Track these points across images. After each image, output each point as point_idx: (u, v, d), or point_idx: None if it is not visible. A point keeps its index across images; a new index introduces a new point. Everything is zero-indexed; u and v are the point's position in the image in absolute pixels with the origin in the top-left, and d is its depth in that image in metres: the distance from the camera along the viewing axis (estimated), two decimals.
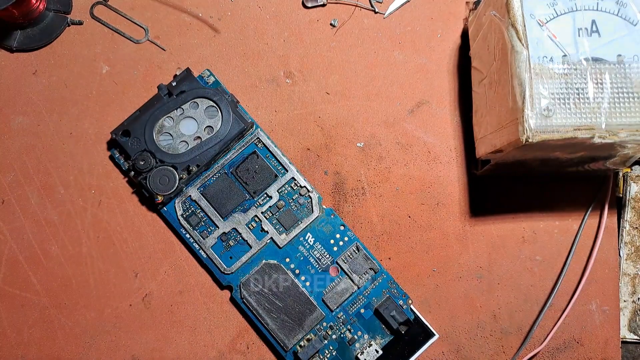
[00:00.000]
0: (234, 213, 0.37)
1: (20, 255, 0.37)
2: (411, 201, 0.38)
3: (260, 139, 0.37)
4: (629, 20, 0.30)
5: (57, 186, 0.38)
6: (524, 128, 0.28)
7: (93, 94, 0.39)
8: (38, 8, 0.38)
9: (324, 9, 0.39)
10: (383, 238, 0.38)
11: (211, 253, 0.36)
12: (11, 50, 0.38)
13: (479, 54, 0.35)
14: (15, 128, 0.38)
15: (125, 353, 0.37)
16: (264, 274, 0.36)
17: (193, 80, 0.37)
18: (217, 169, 0.37)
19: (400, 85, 0.39)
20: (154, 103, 0.37)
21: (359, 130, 0.38)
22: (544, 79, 0.29)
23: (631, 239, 0.38)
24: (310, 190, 0.37)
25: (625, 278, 0.38)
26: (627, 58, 0.29)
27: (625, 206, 0.38)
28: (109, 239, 0.37)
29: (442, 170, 0.38)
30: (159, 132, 0.36)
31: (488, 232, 0.38)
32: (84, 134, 0.38)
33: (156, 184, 0.36)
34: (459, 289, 0.37)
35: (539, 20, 0.30)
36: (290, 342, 0.35)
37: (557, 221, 0.38)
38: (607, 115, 0.29)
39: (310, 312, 0.35)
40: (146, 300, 0.37)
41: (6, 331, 0.37)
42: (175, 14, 0.39)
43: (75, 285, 0.37)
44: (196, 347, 0.37)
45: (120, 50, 0.39)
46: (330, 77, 0.39)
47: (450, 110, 0.39)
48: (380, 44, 0.39)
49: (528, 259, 0.38)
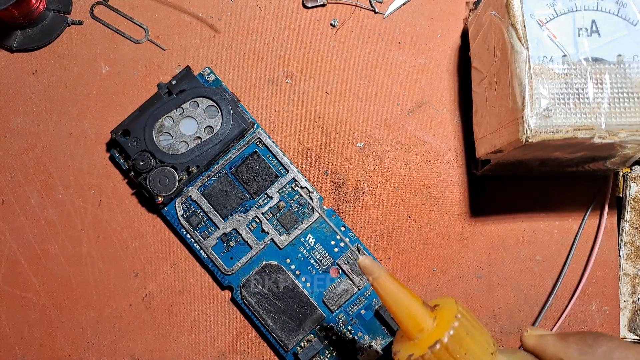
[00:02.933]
0: (235, 214, 0.37)
1: (20, 255, 0.37)
2: (411, 201, 0.38)
3: (261, 139, 0.37)
4: (629, 20, 0.30)
5: (57, 186, 0.38)
6: (524, 128, 0.28)
7: (93, 94, 0.39)
8: (38, 8, 0.38)
9: (324, 9, 0.39)
10: (383, 238, 0.38)
11: (212, 254, 0.36)
12: (11, 50, 0.38)
13: (479, 54, 0.35)
14: (15, 128, 0.38)
15: (125, 353, 0.37)
16: (265, 274, 0.36)
17: (193, 78, 0.37)
18: (217, 169, 0.37)
19: (400, 85, 0.39)
20: (154, 102, 0.36)
21: (359, 130, 0.38)
22: (544, 79, 0.29)
23: (631, 239, 0.38)
24: (311, 190, 0.37)
25: (625, 278, 0.38)
26: (627, 58, 0.29)
27: (625, 206, 0.38)
28: (109, 239, 0.37)
29: (442, 170, 0.38)
30: (159, 132, 0.36)
31: (488, 232, 0.38)
32: (84, 134, 0.38)
33: (156, 184, 0.36)
34: (459, 289, 0.37)
35: (539, 20, 0.30)
36: (291, 342, 0.35)
37: (557, 221, 0.38)
38: (607, 115, 0.29)
39: (311, 313, 0.35)
40: (146, 300, 0.37)
41: (6, 331, 0.37)
42: (175, 14, 0.39)
43: (75, 285, 0.37)
44: (196, 347, 0.37)
45: (120, 50, 0.39)
46: (330, 77, 0.39)
47: (450, 110, 0.39)
48: (380, 44, 0.39)
49: (528, 259, 0.38)
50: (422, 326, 0.26)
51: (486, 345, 0.25)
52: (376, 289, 0.26)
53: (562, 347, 0.25)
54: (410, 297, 0.26)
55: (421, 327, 0.26)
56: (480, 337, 0.26)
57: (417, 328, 0.26)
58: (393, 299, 0.26)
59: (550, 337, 0.26)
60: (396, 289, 0.26)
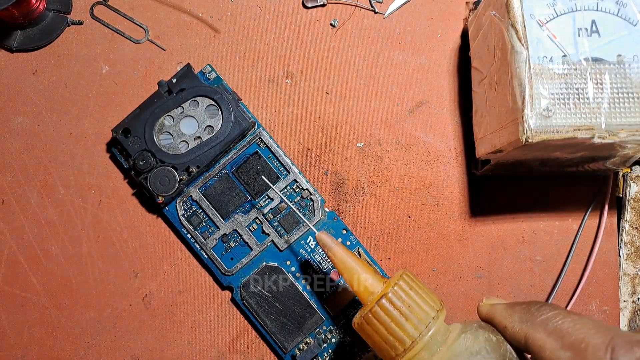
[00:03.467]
0: (235, 214, 0.36)
1: (20, 255, 0.37)
2: (411, 201, 0.38)
3: (262, 139, 0.37)
4: (629, 20, 0.30)
5: (57, 186, 0.38)
6: (524, 128, 0.28)
7: (93, 94, 0.39)
8: (38, 8, 0.38)
9: (324, 9, 0.39)
10: (383, 238, 0.38)
11: (212, 254, 0.36)
12: (11, 50, 0.38)
13: (479, 54, 0.35)
14: (15, 128, 0.38)
15: (125, 353, 0.37)
16: (264, 276, 0.36)
17: (193, 77, 0.36)
18: (218, 169, 0.37)
19: (400, 85, 0.39)
20: (154, 101, 0.36)
21: (359, 130, 0.38)
22: (543, 79, 0.29)
23: (631, 239, 0.38)
24: (313, 192, 0.37)
25: (625, 278, 0.38)
26: (627, 58, 0.29)
27: (625, 206, 0.38)
28: (109, 239, 0.37)
29: (442, 170, 0.38)
30: (159, 131, 0.36)
31: (488, 232, 0.38)
32: (84, 134, 0.38)
33: (156, 184, 0.36)
34: (459, 289, 0.37)
35: (539, 20, 0.30)
36: (290, 344, 0.35)
37: (557, 221, 0.38)
38: (607, 115, 0.29)
39: (310, 316, 0.35)
40: (146, 300, 0.37)
41: (6, 331, 0.37)
42: (175, 14, 0.39)
43: (75, 285, 0.37)
44: (196, 347, 0.37)
45: (120, 50, 0.39)
46: (330, 77, 0.39)
47: (450, 110, 0.39)
48: (380, 44, 0.39)
49: (528, 259, 0.38)
50: (372, 290, 0.29)
51: (431, 302, 0.28)
52: (332, 259, 0.30)
53: (507, 315, 0.26)
54: (361, 265, 0.30)
55: (371, 291, 0.29)
56: (425, 294, 0.28)
57: (368, 292, 0.29)
58: (346, 267, 0.30)
59: (500, 306, 0.27)
60: (349, 259, 0.30)
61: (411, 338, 0.26)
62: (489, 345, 0.26)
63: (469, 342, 0.26)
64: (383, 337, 0.27)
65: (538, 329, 0.24)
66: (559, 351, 0.23)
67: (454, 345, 0.26)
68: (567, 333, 0.23)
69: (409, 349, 0.26)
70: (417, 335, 0.26)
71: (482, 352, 0.25)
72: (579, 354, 0.22)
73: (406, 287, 0.28)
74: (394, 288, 0.27)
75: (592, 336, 0.22)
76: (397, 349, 0.27)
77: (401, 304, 0.27)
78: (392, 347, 0.27)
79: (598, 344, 0.22)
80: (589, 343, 0.22)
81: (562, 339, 0.23)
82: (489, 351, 0.25)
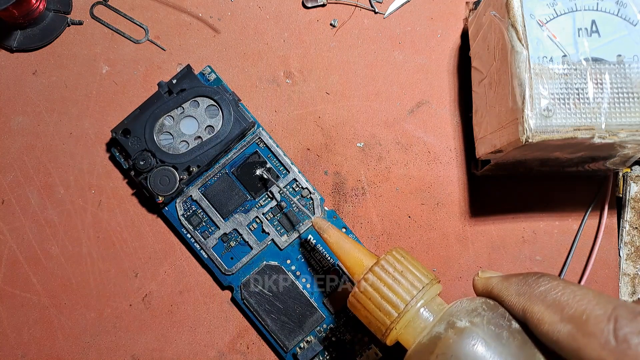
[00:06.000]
0: (235, 214, 0.37)
1: (20, 255, 0.37)
2: (411, 201, 0.38)
3: (262, 139, 0.37)
4: (629, 20, 0.30)
5: (57, 186, 0.38)
6: (524, 128, 0.28)
7: (93, 94, 0.39)
8: (38, 8, 0.38)
9: (324, 9, 0.39)
10: (383, 238, 0.38)
11: (212, 254, 0.36)
12: (11, 50, 0.38)
13: (479, 54, 0.35)
14: (15, 128, 0.38)
15: (125, 353, 0.37)
16: (265, 275, 0.36)
17: (194, 77, 0.37)
18: (218, 169, 0.37)
19: (400, 85, 0.39)
20: (154, 101, 0.36)
21: (359, 130, 0.38)
22: (543, 79, 0.29)
23: (631, 239, 0.38)
24: (312, 192, 0.37)
25: (625, 278, 0.38)
26: (627, 58, 0.29)
27: (625, 206, 0.38)
28: (109, 239, 0.37)
29: (442, 170, 0.38)
30: (160, 132, 0.36)
31: (488, 232, 0.38)
32: (84, 134, 0.38)
33: (156, 184, 0.36)
34: (459, 289, 0.37)
35: (539, 20, 0.30)
36: (291, 343, 0.35)
37: (557, 221, 0.38)
38: (607, 115, 0.29)
39: (311, 314, 0.35)
40: (146, 300, 0.37)
41: (6, 331, 0.37)
42: (175, 14, 0.39)
43: (75, 285, 0.37)
44: (196, 347, 0.37)
45: (120, 50, 0.39)
46: (330, 77, 0.39)
47: (450, 110, 0.39)
48: (380, 44, 0.39)
49: (528, 259, 0.38)
50: (365, 265, 0.29)
51: (425, 272, 0.28)
52: (326, 240, 0.31)
53: (504, 287, 0.25)
54: (355, 245, 0.31)
55: (365, 266, 0.29)
56: (418, 264, 0.28)
57: (362, 268, 0.29)
58: (340, 247, 0.31)
59: (496, 279, 0.26)
60: (342, 239, 0.31)
61: (405, 301, 0.26)
62: (486, 305, 0.25)
63: (465, 303, 0.26)
64: (377, 304, 0.27)
65: (536, 301, 0.23)
66: (559, 324, 0.22)
67: (451, 307, 0.26)
68: (567, 305, 0.22)
69: (404, 312, 0.26)
70: (411, 299, 0.26)
71: (478, 309, 0.25)
72: (580, 326, 0.21)
73: (398, 256, 0.28)
74: (387, 257, 0.28)
75: (593, 307, 0.21)
76: (392, 315, 0.26)
77: (393, 269, 0.27)
78: (386, 314, 0.26)
79: (599, 315, 0.21)
80: (590, 315, 0.21)
81: (561, 311, 0.22)
82: (485, 309, 0.25)
